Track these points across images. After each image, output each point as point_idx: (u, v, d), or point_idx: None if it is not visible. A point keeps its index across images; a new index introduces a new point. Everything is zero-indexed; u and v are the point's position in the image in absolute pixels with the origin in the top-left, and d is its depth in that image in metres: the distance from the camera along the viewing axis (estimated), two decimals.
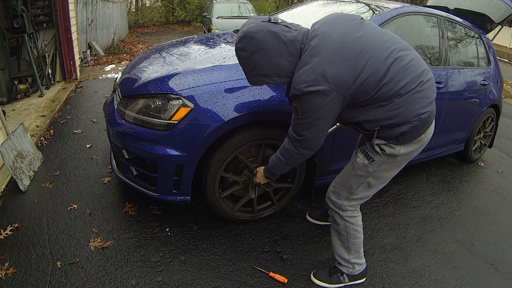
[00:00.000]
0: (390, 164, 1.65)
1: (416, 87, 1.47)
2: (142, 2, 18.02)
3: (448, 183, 3.24)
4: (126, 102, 2.14)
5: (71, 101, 4.24)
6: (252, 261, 2.03)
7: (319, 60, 1.38)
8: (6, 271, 1.78)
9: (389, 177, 1.74)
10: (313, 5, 3.18)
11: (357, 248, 1.85)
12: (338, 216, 1.78)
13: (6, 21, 4.17)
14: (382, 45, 1.46)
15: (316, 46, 1.41)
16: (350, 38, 1.42)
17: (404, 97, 1.46)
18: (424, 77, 1.50)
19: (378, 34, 1.51)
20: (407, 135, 1.54)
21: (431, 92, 1.53)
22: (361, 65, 1.40)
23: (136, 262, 1.93)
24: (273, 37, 1.43)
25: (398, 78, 1.44)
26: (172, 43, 2.82)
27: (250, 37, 1.43)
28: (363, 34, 1.45)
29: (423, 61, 1.57)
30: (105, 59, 7.04)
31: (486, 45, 3.43)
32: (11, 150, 2.49)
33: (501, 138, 4.64)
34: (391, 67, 1.43)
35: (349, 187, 1.72)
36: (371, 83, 1.43)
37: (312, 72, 1.38)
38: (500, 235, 2.58)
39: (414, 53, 1.54)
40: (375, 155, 1.63)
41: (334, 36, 1.42)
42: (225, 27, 8.29)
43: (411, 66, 1.47)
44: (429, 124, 1.58)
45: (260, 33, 1.42)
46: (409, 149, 1.61)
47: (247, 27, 1.46)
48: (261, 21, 1.46)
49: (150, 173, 2.04)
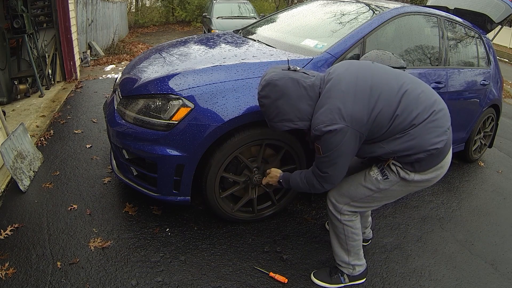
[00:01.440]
0: (402, 187, 1.66)
1: (429, 116, 1.51)
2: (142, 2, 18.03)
3: (448, 183, 3.24)
4: (126, 102, 2.14)
5: (71, 101, 4.25)
6: (252, 261, 2.03)
7: (334, 101, 1.48)
8: (6, 271, 1.78)
9: (396, 198, 1.76)
10: (313, 5, 3.18)
11: (356, 250, 1.85)
12: (336, 219, 1.78)
13: (6, 21, 4.17)
14: (392, 80, 1.55)
15: (331, 88, 1.52)
16: (361, 78, 1.53)
17: (418, 127, 1.50)
18: (436, 106, 1.54)
19: (388, 71, 1.61)
20: (422, 163, 1.56)
21: (445, 121, 1.55)
22: (374, 101, 1.48)
23: (136, 262, 1.93)
24: (294, 83, 1.54)
25: (410, 109, 1.50)
26: (172, 43, 2.82)
27: (273, 85, 1.53)
28: (373, 72, 1.57)
29: (434, 92, 1.63)
30: (105, 59, 7.04)
31: (486, 45, 3.43)
32: (11, 150, 2.49)
33: (501, 138, 4.65)
34: (403, 99, 1.50)
35: (354, 195, 1.72)
36: (385, 117, 1.49)
37: (329, 112, 1.46)
38: (500, 235, 2.58)
39: (424, 86, 1.61)
40: (390, 173, 1.64)
41: (347, 78, 1.53)
42: (225, 27, 8.29)
43: (423, 97, 1.53)
44: (445, 153, 1.59)
45: (282, 80, 1.53)
46: (423, 178, 1.61)
47: (269, 75, 1.57)
48: (281, 70, 1.58)
49: (150, 173, 2.04)
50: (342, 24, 2.56)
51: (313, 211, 2.54)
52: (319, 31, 2.66)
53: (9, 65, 4.17)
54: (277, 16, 3.31)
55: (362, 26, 2.38)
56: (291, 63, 2.12)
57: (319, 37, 2.48)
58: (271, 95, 1.55)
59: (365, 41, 2.32)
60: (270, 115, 1.61)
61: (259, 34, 2.88)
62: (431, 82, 2.67)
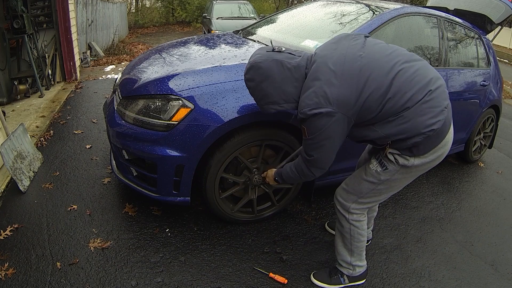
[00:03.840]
0: (404, 174, 1.62)
1: (423, 97, 1.43)
2: (142, 3, 18.02)
3: (448, 184, 3.24)
4: (126, 103, 2.14)
5: (71, 102, 4.24)
6: (252, 261, 2.03)
7: (320, 83, 1.43)
8: (6, 271, 1.78)
9: (401, 186, 1.72)
10: (313, 5, 3.18)
11: (360, 251, 1.85)
12: (344, 219, 1.77)
13: (6, 22, 4.17)
14: (383, 60, 1.47)
15: (317, 69, 1.47)
16: (350, 58, 1.46)
17: (411, 109, 1.43)
18: (432, 85, 1.46)
19: (380, 49, 1.52)
20: (420, 146, 1.50)
21: (442, 100, 1.47)
22: (362, 83, 1.42)
23: (136, 262, 1.93)
24: (278, 65, 1.51)
25: (403, 91, 1.43)
26: (172, 44, 2.82)
27: (256, 67, 1.52)
28: (364, 51, 1.48)
29: (432, 69, 1.54)
30: (105, 59, 7.04)
31: (486, 45, 3.43)
32: (11, 150, 2.49)
33: (501, 139, 4.65)
34: (394, 81, 1.43)
35: (359, 191, 1.70)
36: (375, 99, 1.43)
37: (315, 95, 1.43)
38: (500, 236, 2.58)
39: (420, 63, 1.52)
40: (389, 163, 1.60)
41: (334, 58, 1.46)
42: (225, 27, 8.28)
43: (417, 77, 1.45)
44: (444, 134, 1.52)
45: (266, 62, 1.51)
46: (424, 161, 1.56)
47: (253, 58, 1.56)
48: (265, 51, 1.55)
49: (150, 173, 2.04)
50: (342, 24, 2.57)
51: (313, 212, 2.54)
52: (319, 32, 2.67)
53: (9, 65, 4.17)
54: (277, 16, 3.31)
55: (362, 26, 2.38)
56: None
57: (319, 38, 2.48)
58: (255, 77, 1.53)
59: None
60: (257, 98, 1.61)
61: (259, 35, 2.88)
62: None
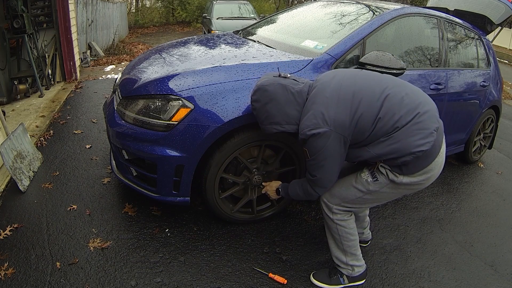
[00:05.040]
0: (392, 189, 1.68)
1: (412, 119, 1.52)
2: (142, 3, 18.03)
3: (448, 184, 3.24)
4: (126, 103, 2.14)
5: (71, 102, 4.24)
6: (251, 262, 2.03)
7: (318, 106, 1.56)
8: (5, 271, 1.78)
9: (386, 200, 1.80)
10: (313, 6, 3.18)
11: (353, 250, 1.85)
12: (329, 219, 1.81)
13: (6, 21, 4.17)
14: (375, 86, 1.59)
15: (316, 94, 1.61)
16: (345, 84, 1.59)
17: (401, 130, 1.52)
18: (420, 108, 1.54)
19: (372, 77, 1.67)
20: (410, 165, 1.57)
21: (431, 123, 1.55)
22: (356, 105, 1.53)
23: (135, 262, 1.93)
24: (283, 89, 1.64)
25: (393, 112, 1.52)
26: (172, 44, 2.82)
27: (263, 90, 1.65)
28: (357, 79, 1.63)
29: (422, 94, 1.64)
30: (105, 59, 7.04)
31: (486, 46, 3.44)
32: (11, 150, 2.49)
33: (501, 140, 4.65)
34: (385, 103, 1.54)
35: (345, 196, 1.75)
36: (367, 120, 1.53)
37: (313, 117, 1.55)
38: (500, 236, 2.58)
39: (409, 89, 1.63)
40: (380, 175, 1.66)
41: (331, 85, 1.60)
42: (225, 28, 8.28)
43: (406, 100, 1.55)
44: (434, 156, 1.58)
45: (272, 86, 1.64)
46: (413, 180, 1.62)
47: (260, 81, 1.69)
48: (272, 76, 1.69)
49: (150, 173, 2.04)
50: (342, 25, 2.57)
51: (312, 212, 2.54)
52: (319, 32, 2.66)
53: (9, 65, 4.17)
54: (277, 17, 3.31)
55: (362, 27, 2.38)
56: (292, 64, 2.14)
57: (319, 38, 2.48)
58: (261, 99, 1.66)
59: (365, 42, 2.32)
60: (260, 118, 1.72)
61: (259, 35, 2.88)
62: (431, 83, 2.67)
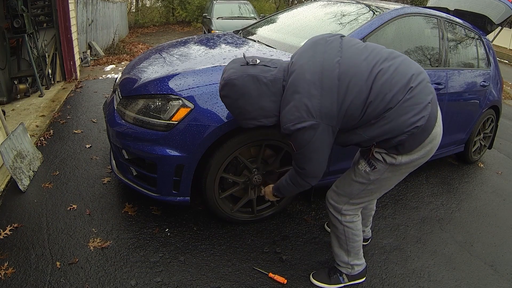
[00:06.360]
0: (393, 172, 1.60)
1: (404, 95, 1.40)
2: (142, 3, 18.02)
3: (447, 184, 3.24)
4: (126, 103, 2.14)
5: (71, 101, 4.24)
6: (251, 261, 2.03)
7: (300, 96, 1.39)
8: (5, 271, 1.78)
9: (393, 184, 1.70)
10: (313, 5, 3.18)
11: (356, 250, 1.85)
12: (337, 221, 1.77)
13: (6, 21, 4.17)
14: (362, 64, 1.42)
15: (295, 82, 1.42)
16: (327, 66, 1.41)
17: (393, 109, 1.41)
18: (413, 82, 1.42)
19: (358, 51, 1.47)
20: (406, 144, 1.49)
21: (424, 95, 1.43)
22: (343, 92, 1.39)
23: (135, 262, 1.93)
24: (254, 80, 1.45)
25: (384, 93, 1.40)
26: (172, 44, 2.82)
27: (231, 84, 1.46)
28: (341, 57, 1.43)
29: (413, 64, 1.49)
30: (105, 59, 7.04)
31: (486, 46, 3.44)
32: (11, 150, 2.49)
33: (501, 139, 4.65)
34: (374, 84, 1.40)
35: (350, 193, 1.70)
36: (357, 106, 1.41)
37: (296, 109, 1.39)
38: (499, 236, 2.58)
39: (400, 59, 1.47)
40: (377, 162, 1.59)
41: (311, 68, 1.41)
42: (225, 27, 8.28)
43: (397, 76, 1.41)
44: (430, 129, 1.50)
45: (240, 78, 1.45)
46: (412, 158, 1.54)
47: (227, 73, 1.49)
48: (240, 65, 1.49)
49: (150, 173, 2.04)
50: (342, 25, 2.57)
51: (312, 212, 2.54)
52: (319, 32, 2.62)
53: (9, 64, 4.17)
54: (277, 16, 3.31)
55: (362, 27, 2.38)
56: None
57: None
58: (231, 95, 1.49)
59: (365, 42, 2.32)
60: (234, 114, 1.57)
61: (259, 35, 2.88)
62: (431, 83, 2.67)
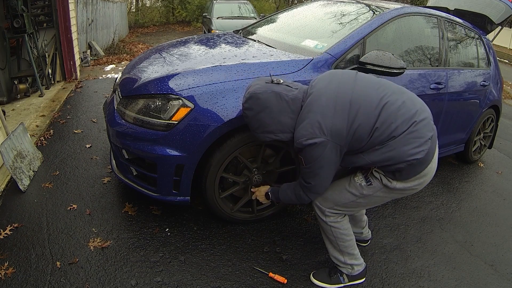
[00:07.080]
0: (385, 193, 1.69)
1: (408, 128, 1.52)
2: (142, 2, 18.01)
3: (448, 184, 3.24)
4: (126, 102, 2.14)
5: (71, 101, 4.24)
6: (251, 261, 2.03)
7: (315, 115, 1.53)
8: (5, 271, 1.78)
9: (378, 203, 1.80)
10: (313, 5, 3.18)
11: (350, 250, 1.85)
12: (323, 222, 1.81)
13: (6, 21, 4.17)
14: (372, 94, 1.57)
15: (312, 102, 1.57)
16: (342, 92, 1.56)
17: (397, 139, 1.52)
18: (417, 117, 1.55)
19: (369, 83, 1.63)
20: (403, 172, 1.58)
21: (426, 131, 1.56)
22: (353, 115, 1.52)
23: (135, 262, 1.93)
24: (277, 97, 1.59)
25: (390, 122, 1.52)
26: (172, 43, 2.82)
27: (256, 98, 1.60)
28: (355, 86, 1.59)
29: (419, 101, 1.64)
30: (105, 59, 7.04)
31: (486, 46, 3.43)
32: (11, 150, 2.49)
33: (501, 139, 4.65)
34: (382, 112, 1.53)
35: (338, 200, 1.74)
36: (364, 130, 1.52)
37: (310, 126, 1.52)
38: (500, 236, 2.58)
39: (407, 95, 1.62)
40: (374, 180, 1.67)
41: (327, 92, 1.57)
42: (225, 27, 8.29)
43: (403, 109, 1.55)
44: (427, 163, 1.59)
45: (265, 94, 1.59)
46: (406, 186, 1.63)
47: (252, 88, 1.63)
48: (265, 82, 1.63)
49: (150, 173, 2.04)
50: (343, 24, 2.57)
51: (312, 212, 2.54)
52: (319, 32, 2.66)
53: (9, 64, 4.17)
54: (277, 16, 3.31)
55: (362, 26, 2.38)
56: (292, 63, 2.14)
57: (319, 38, 2.48)
58: (254, 107, 1.60)
59: (365, 41, 2.32)
60: (253, 126, 1.67)
61: (259, 35, 2.88)
62: (431, 83, 2.67)
